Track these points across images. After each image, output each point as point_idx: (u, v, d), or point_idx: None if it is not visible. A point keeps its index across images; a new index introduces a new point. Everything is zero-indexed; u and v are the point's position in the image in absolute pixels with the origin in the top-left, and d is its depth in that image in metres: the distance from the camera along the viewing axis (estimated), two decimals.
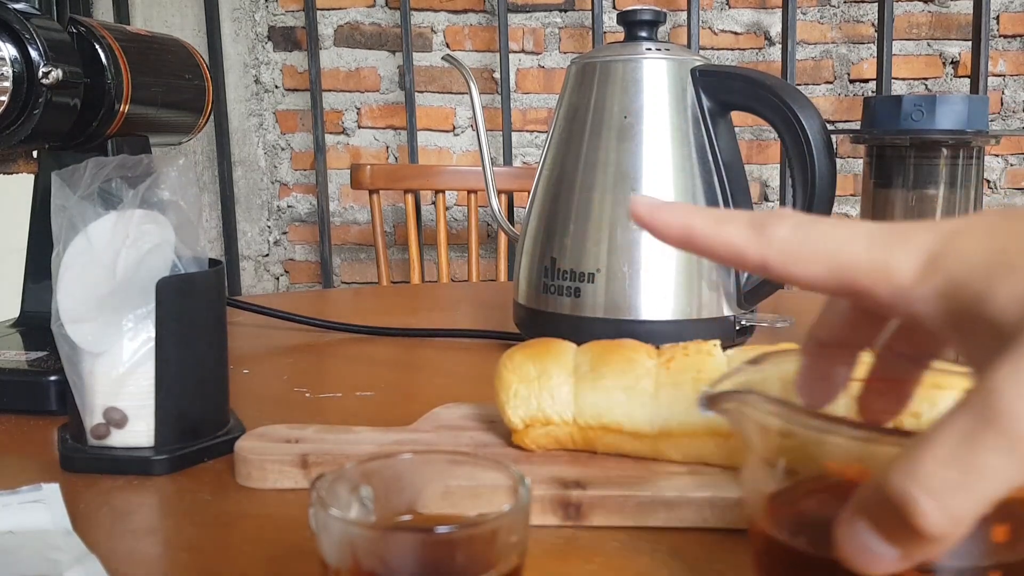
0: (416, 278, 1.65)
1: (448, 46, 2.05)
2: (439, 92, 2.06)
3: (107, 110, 0.65)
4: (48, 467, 0.50)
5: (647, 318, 0.67)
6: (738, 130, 1.10)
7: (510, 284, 0.94)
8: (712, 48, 2.00)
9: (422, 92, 2.05)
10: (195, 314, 0.51)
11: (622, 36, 0.73)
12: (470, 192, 1.63)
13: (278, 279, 2.18)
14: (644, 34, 0.71)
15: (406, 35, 1.96)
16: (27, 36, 0.57)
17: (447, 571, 0.28)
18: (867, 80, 1.99)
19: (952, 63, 1.98)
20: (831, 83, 2.01)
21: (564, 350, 0.48)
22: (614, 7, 1.99)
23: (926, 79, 1.99)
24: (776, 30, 1.98)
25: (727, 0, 1.99)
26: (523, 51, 2.04)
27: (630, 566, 0.39)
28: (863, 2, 1.97)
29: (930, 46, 1.98)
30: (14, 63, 0.57)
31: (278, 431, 0.50)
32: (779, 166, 2.01)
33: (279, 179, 2.13)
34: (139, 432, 0.49)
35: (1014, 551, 0.27)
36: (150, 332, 0.49)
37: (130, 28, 0.72)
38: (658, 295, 0.67)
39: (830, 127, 0.77)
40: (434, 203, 1.66)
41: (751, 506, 0.31)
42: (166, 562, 0.41)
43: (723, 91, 0.69)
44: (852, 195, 2.03)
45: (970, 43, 1.85)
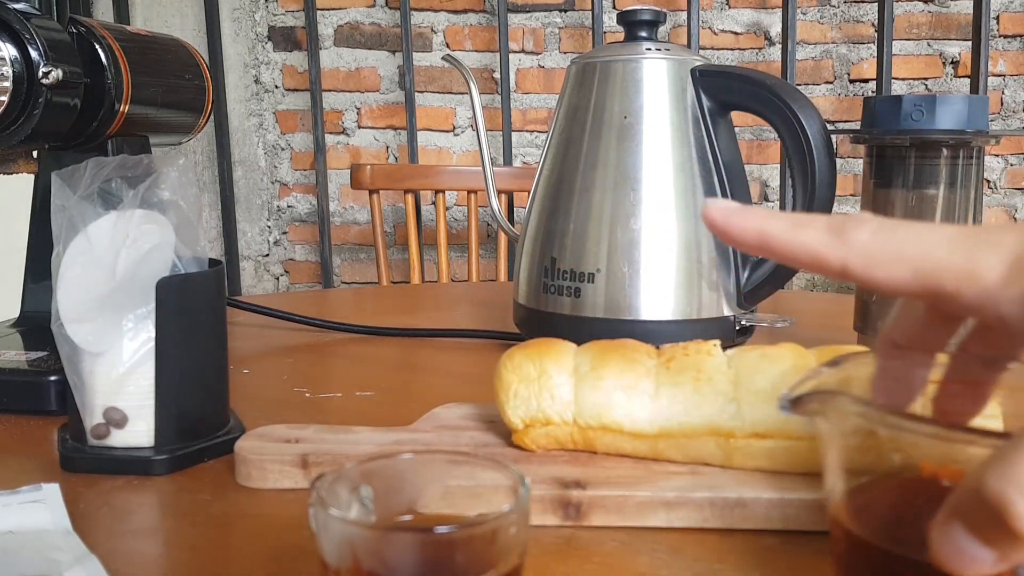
0: (416, 278, 1.65)
1: (448, 46, 2.05)
2: (439, 92, 2.06)
3: (107, 110, 0.65)
4: (48, 467, 0.50)
5: (647, 318, 0.67)
6: (738, 130, 1.10)
7: (510, 284, 0.94)
8: (712, 48, 2.00)
9: (422, 92, 2.05)
10: (195, 314, 0.51)
11: (622, 36, 0.73)
12: (470, 192, 1.63)
13: (278, 279, 2.18)
14: (644, 34, 0.71)
15: (406, 35, 1.96)
16: (27, 36, 0.57)
17: (447, 571, 0.28)
18: (867, 80, 1.99)
19: (952, 63, 1.98)
20: (831, 83, 2.01)
21: (564, 350, 0.48)
22: (614, 7, 1.99)
23: (926, 79, 1.99)
24: (776, 30, 1.98)
25: (727, 0, 1.99)
26: (523, 51, 2.04)
27: (630, 566, 0.39)
28: (863, 2, 1.97)
29: (930, 46, 1.98)
30: (14, 63, 0.57)
31: (278, 431, 0.50)
32: (779, 166, 2.01)
33: (279, 179, 2.13)
34: (139, 432, 0.49)
35: None
36: (150, 332, 0.49)
37: (130, 28, 0.72)
38: (658, 295, 0.67)
39: (830, 127, 0.77)
40: (434, 203, 1.66)
41: (834, 507, 0.31)
42: (166, 562, 0.41)
43: (723, 91, 0.69)
44: (852, 195, 2.03)
45: (970, 43, 1.85)
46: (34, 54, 0.58)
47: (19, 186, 0.73)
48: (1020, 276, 0.25)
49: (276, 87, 2.09)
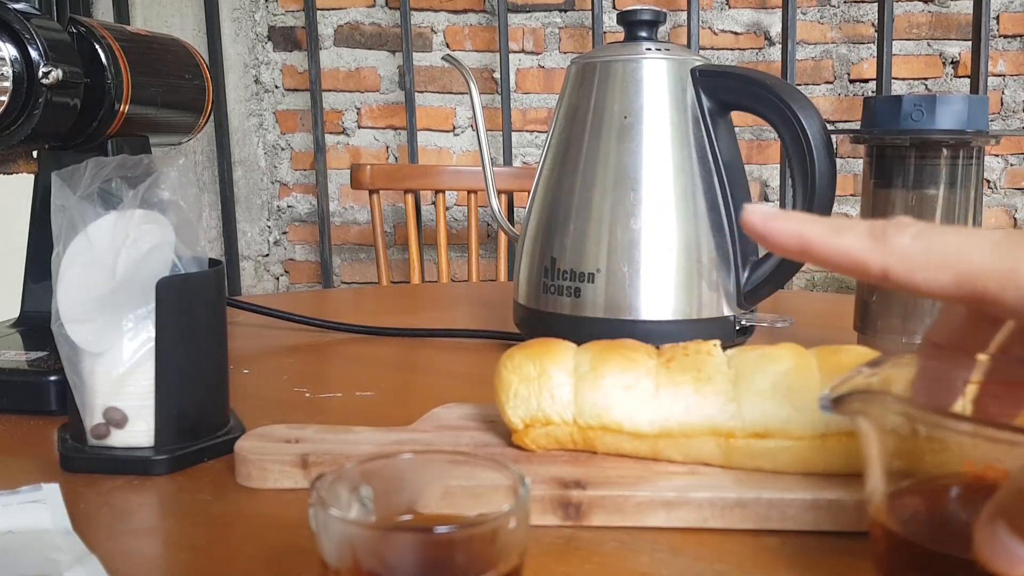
0: (416, 278, 1.65)
1: (448, 46, 2.05)
2: (439, 92, 2.06)
3: (107, 110, 0.65)
4: (48, 467, 0.50)
5: (647, 318, 0.67)
6: (738, 130, 1.10)
7: (510, 284, 0.94)
8: (712, 48, 2.00)
9: (422, 92, 2.05)
10: (195, 314, 0.51)
11: (622, 36, 0.73)
12: (470, 192, 1.63)
13: (278, 279, 2.18)
14: (644, 34, 0.71)
15: (406, 35, 1.96)
16: (27, 36, 0.57)
17: (447, 571, 0.28)
18: (867, 80, 1.99)
19: (952, 63, 1.98)
20: (831, 83, 2.01)
21: (564, 350, 0.48)
22: (614, 7, 1.99)
23: (926, 79, 1.99)
24: (776, 30, 1.98)
25: (727, 0, 1.99)
26: (523, 51, 2.04)
27: (630, 566, 0.39)
28: (863, 2, 1.97)
29: (930, 46, 1.98)
30: (14, 63, 0.57)
31: (278, 431, 0.50)
32: (779, 166, 2.01)
33: (279, 179, 2.13)
34: (139, 432, 0.49)
35: None
36: (150, 332, 0.49)
37: (130, 28, 0.72)
38: (658, 295, 0.67)
39: (830, 127, 0.77)
40: (434, 203, 1.66)
41: (876, 506, 0.31)
42: (166, 562, 0.41)
43: (723, 91, 0.69)
44: (852, 195, 2.03)
45: (970, 43, 1.85)
46: (34, 54, 0.58)
47: (19, 186, 0.73)
48: None
49: (276, 87, 2.09)
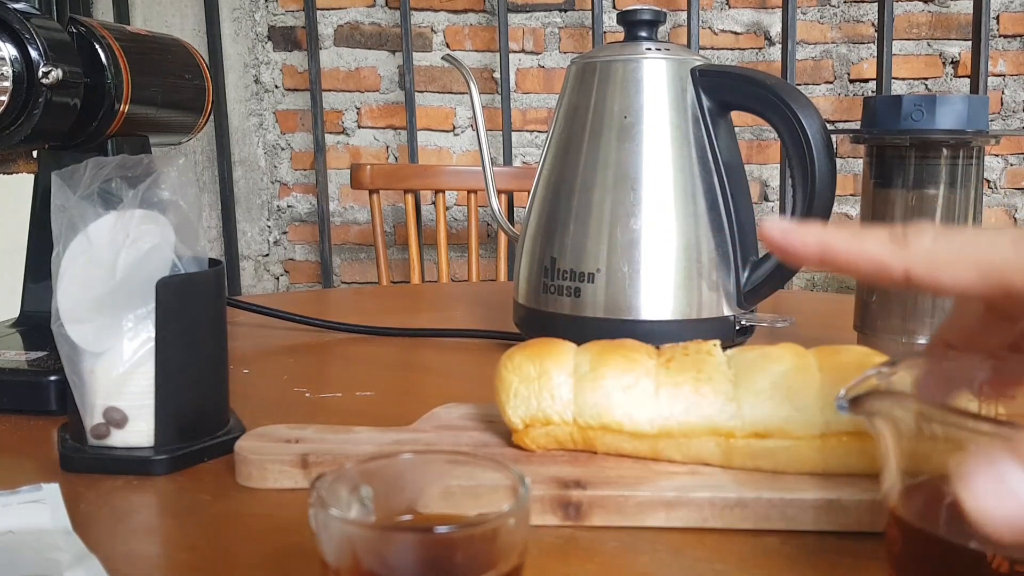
0: (416, 278, 1.65)
1: (448, 46, 2.05)
2: (439, 92, 2.06)
3: (107, 110, 0.65)
4: (48, 467, 0.50)
5: (647, 318, 0.67)
6: (738, 130, 1.10)
7: (510, 284, 0.94)
8: (712, 48, 2.00)
9: (422, 92, 2.05)
10: (195, 314, 0.51)
11: (622, 36, 0.73)
12: (470, 192, 1.63)
13: (278, 279, 2.18)
14: (644, 34, 0.71)
15: (406, 35, 1.96)
16: (27, 36, 0.57)
17: (447, 571, 0.28)
18: (867, 80, 1.99)
19: (952, 63, 1.98)
20: (831, 83, 2.01)
21: (564, 350, 0.48)
22: (614, 7, 1.99)
23: (926, 79, 1.99)
24: (776, 30, 1.98)
25: (727, 0, 1.99)
26: (523, 51, 2.04)
27: (630, 566, 0.39)
28: (863, 2, 1.97)
29: (930, 46, 1.98)
30: (14, 63, 0.57)
31: (278, 431, 0.50)
32: (779, 166, 2.01)
33: (279, 179, 2.13)
34: (139, 432, 0.49)
35: None
36: (150, 332, 0.49)
37: (130, 28, 0.72)
38: (658, 295, 0.67)
39: (830, 127, 0.77)
40: (434, 203, 1.66)
41: (894, 507, 0.31)
42: (166, 562, 0.41)
43: (723, 91, 0.69)
44: (852, 195, 2.03)
45: (970, 43, 1.85)
46: (34, 54, 0.58)
47: (19, 186, 0.73)
48: None
49: (276, 87, 2.09)
